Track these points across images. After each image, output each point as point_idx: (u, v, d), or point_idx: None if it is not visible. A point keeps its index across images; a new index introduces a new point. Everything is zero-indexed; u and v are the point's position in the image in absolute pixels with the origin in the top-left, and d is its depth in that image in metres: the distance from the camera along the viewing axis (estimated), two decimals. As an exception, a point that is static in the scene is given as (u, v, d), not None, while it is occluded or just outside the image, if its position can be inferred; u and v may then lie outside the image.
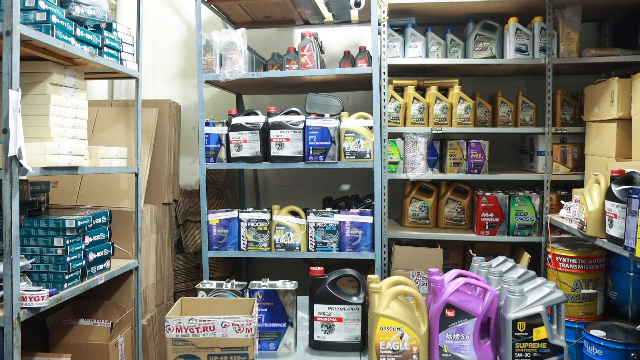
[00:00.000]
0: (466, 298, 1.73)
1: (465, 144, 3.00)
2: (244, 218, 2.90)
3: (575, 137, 3.00)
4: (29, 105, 1.98)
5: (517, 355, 1.65)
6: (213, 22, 3.64)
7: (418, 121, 3.02)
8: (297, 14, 3.40)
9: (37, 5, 1.84)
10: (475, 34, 3.01)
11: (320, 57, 3.06)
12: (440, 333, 1.73)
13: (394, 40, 3.01)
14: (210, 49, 2.94)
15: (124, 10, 3.51)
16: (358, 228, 2.83)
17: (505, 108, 3.06)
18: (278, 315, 1.89)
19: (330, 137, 2.79)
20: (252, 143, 2.88)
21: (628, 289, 2.53)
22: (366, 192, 3.38)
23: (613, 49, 2.91)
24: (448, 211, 3.15)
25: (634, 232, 1.81)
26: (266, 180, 3.91)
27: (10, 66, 1.67)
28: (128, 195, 2.71)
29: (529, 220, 2.94)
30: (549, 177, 2.93)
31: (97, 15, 2.20)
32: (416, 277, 2.93)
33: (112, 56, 2.34)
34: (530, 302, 1.67)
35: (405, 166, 3.01)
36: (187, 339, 1.62)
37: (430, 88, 3.03)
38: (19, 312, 1.72)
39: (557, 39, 2.93)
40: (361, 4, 2.89)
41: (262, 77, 2.95)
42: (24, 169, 1.72)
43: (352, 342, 1.87)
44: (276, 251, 2.89)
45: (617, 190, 1.98)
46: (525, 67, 3.08)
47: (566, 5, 2.93)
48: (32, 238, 2.01)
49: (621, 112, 2.46)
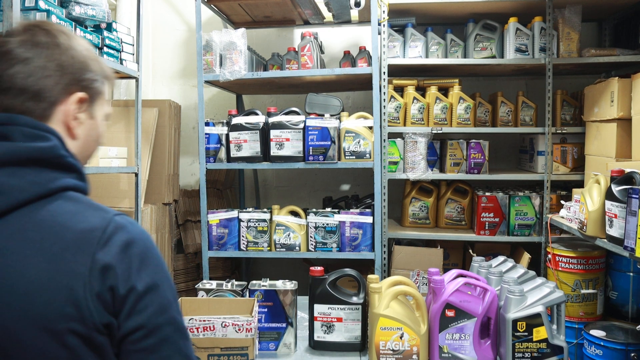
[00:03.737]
0: (466, 298, 1.73)
1: (465, 144, 3.00)
2: (244, 218, 2.90)
3: (575, 137, 3.00)
4: (29, 105, 1.98)
5: (517, 355, 1.65)
6: (213, 22, 3.64)
7: (418, 121, 3.02)
8: (297, 14, 3.40)
9: (37, 5, 1.85)
10: (475, 34, 3.01)
11: (320, 57, 3.06)
12: (440, 333, 1.73)
13: (394, 40, 3.01)
14: (210, 49, 2.94)
15: (124, 10, 3.52)
16: (358, 228, 2.83)
17: (505, 108, 3.06)
18: (278, 315, 1.89)
19: (330, 137, 2.79)
20: (252, 143, 2.88)
21: (628, 289, 2.53)
22: (366, 192, 3.38)
23: (613, 49, 2.91)
24: (448, 211, 3.15)
25: (634, 232, 1.81)
26: (266, 180, 3.91)
27: (10, 66, 1.67)
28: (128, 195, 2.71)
29: (529, 220, 2.94)
30: (549, 177, 2.93)
31: (97, 15, 2.20)
32: (416, 277, 2.93)
33: (112, 56, 2.34)
34: (530, 302, 1.67)
35: (405, 166, 3.02)
36: None
37: (430, 88, 3.04)
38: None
39: (557, 39, 2.93)
40: (361, 4, 2.89)
41: (262, 77, 2.95)
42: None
43: (352, 342, 1.87)
44: (276, 251, 2.89)
45: (617, 190, 1.98)
46: (525, 67, 3.08)
47: (566, 5, 2.93)
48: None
49: (621, 112, 2.46)
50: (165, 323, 0.83)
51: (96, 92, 0.96)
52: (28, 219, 0.81)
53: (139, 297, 0.82)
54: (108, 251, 0.81)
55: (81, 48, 0.93)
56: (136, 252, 0.84)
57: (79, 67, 0.91)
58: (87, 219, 0.83)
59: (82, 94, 0.91)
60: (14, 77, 0.85)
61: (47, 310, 0.77)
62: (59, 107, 0.90)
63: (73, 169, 0.88)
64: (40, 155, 0.84)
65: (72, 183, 0.87)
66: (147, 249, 0.86)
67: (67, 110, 0.90)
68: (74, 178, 0.88)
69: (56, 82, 0.88)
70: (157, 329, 0.83)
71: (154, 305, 0.83)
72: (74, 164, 0.89)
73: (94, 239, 0.81)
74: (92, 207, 0.86)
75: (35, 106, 0.87)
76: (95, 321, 0.79)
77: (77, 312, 0.78)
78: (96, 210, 0.86)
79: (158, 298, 0.84)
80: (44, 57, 0.87)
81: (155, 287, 0.84)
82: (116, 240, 0.82)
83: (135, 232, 0.86)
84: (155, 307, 0.83)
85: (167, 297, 0.85)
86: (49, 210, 0.82)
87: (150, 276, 0.84)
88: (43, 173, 0.84)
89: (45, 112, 0.88)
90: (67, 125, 0.91)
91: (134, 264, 0.83)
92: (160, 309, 0.84)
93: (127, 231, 0.84)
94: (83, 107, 0.93)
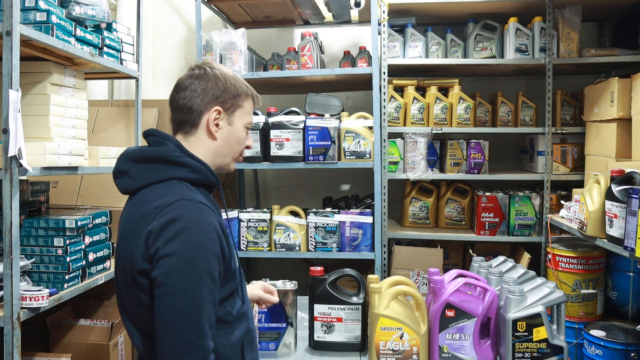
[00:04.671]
0: (466, 298, 1.73)
1: (465, 144, 3.00)
2: (244, 218, 2.90)
3: (575, 137, 3.00)
4: (29, 105, 1.98)
5: (517, 355, 1.65)
6: (213, 22, 3.64)
7: (418, 121, 3.02)
8: (297, 14, 3.40)
9: (37, 5, 1.84)
10: (475, 34, 3.01)
11: (320, 57, 3.06)
12: (440, 333, 1.73)
13: (394, 40, 3.01)
14: (210, 49, 2.94)
15: (124, 10, 3.52)
16: (358, 228, 2.83)
17: (505, 108, 3.06)
18: (278, 315, 1.89)
19: (330, 137, 2.79)
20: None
21: (628, 289, 2.53)
22: (366, 192, 3.38)
23: (613, 49, 2.91)
24: (448, 211, 3.15)
25: (634, 232, 1.81)
26: (266, 180, 3.91)
27: (10, 66, 1.67)
28: (128, 195, 2.70)
29: (529, 220, 2.94)
30: (549, 177, 2.93)
31: (97, 15, 2.20)
32: (416, 277, 2.93)
33: (112, 56, 2.34)
34: (530, 302, 1.67)
35: (405, 166, 3.01)
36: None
37: (430, 88, 3.03)
38: (19, 312, 1.72)
39: (557, 39, 2.93)
40: (361, 4, 2.89)
41: (262, 77, 2.95)
42: (24, 169, 1.72)
43: (352, 342, 1.87)
44: (276, 251, 2.89)
45: (617, 190, 1.97)
46: (525, 67, 3.08)
47: (566, 5, 2.93)
48: (32, 238, 2.01)
49: (621, 112, 2.46)
50: (170, 284, 1.09)
51: (233, 105, 1.31)
52: (141, 195, 1.21)
53: (160, 257, 1.10)
54: (157, 222, 1.12)
55: (222, 76, 1.30)
56: (176, 227, 1.11)
57: (219, 89, 1.29)
58: (162, 199, 1.15)
59: (218, 107, 1.29)
60: (178, 99, 1.29)
61: (124, 255, 1.18)
62: (204, 117, 1.28)
63: (184, 165, 1.22)
64: (158, 155, 1.22)
65: (181, 175, 1.21)
66: (186, 229, 1.11)
67: (208, 119, 1.28)
68: (185, 172, 1.22)
69: (201, 100, 1.28)
70: (162, 285, 1.09)
71: (167, 267, 1.09)
72: (184, 161, 1.22)
73: (155, 212, 1.14)
74: (174, 192, 1.17)
75: (189, 117, 1.28)
76: (140, 266, 1.13)
77: (132, 258, 1.14)
78: (174, 195, 1.16)
79: (172, 264, 1.09)
80: (195, 84, 1.28)
81: (173, 255, 1.09)
82: (166, 216, 1.12)
83: (185, 215, 1.12)
84: (168, 268, 1.09)
85: (180, 265, 1.09)
86: (150, 191, 1.20)
87: (176, 247, 1.09)
88: (160, 167, 1.21)
89: (195, 120, 1.28)
90: (208, 129, 1.29)
91: (169, 234, 1.10)
92: (170, 271, 1.09)
93: (179, 212, 1.12)
94: (221, 116, 1.29)
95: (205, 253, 1.12)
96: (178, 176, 1.21)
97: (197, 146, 1.29)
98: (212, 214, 1.18)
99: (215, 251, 1.14)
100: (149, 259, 1.12)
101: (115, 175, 1.29)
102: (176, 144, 1.25)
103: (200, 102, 1.27)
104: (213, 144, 1.30)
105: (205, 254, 1.12)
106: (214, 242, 1.14)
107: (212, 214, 1.19)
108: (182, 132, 1.30)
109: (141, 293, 1.15)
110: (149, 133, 1.29)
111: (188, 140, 1.30)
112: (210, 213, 1.18)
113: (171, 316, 1.08)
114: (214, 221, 1.17)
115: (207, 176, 1.27)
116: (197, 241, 1.11)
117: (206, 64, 1.32)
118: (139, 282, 1.14)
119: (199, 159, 1.26)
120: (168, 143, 1.25)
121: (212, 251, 1.13)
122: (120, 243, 1.23)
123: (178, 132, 1.31)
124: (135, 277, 1.15)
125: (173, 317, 1.08)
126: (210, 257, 1.13)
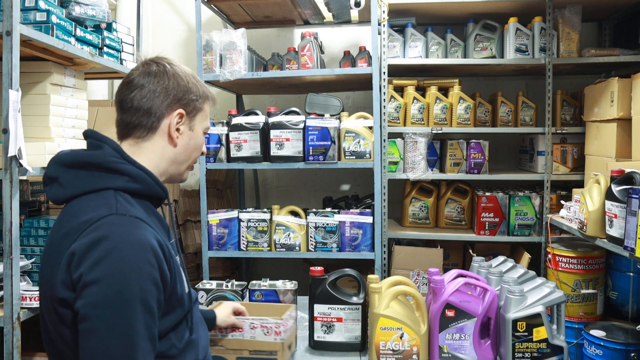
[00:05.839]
0: (466, 298, 1.73)
1: (465, 144, 3.00)
2: (244, 218, 2.90)
3: (575, 137, 3.00)
4: (29, 105, 1.98)
5: (517, 355, 1.65)
6: (213, 22, 3.64)
7: (418, 121, 3.02)
8: (297, 14, 3.40)
9: (37, 5, 1.84)
10: (475, 34, 3.01)
11: (320, 57, 3.06)
12: (440, 333, 1.73)
13: (394, 40, 3.01)
14: (210, 49, 2.94)
15: (124, 10, 3.52)
16: (358, 228, 2.83)
17: (505, 108, 3.06)
18: (278, 315, 1.89)
19: (330, 137, 2.79)
20: (252, 143, 2.88)
21: (628, 289, 2.53)
22: (366, 192, 3.38)
23: (613, 49, 2.91)
24: (448, 211, 3.15)
25: (634, 232, 1.81)
26: (266, 180, 3.91)
27: (10, 66, 1.67)
28: (128, 195, 2.71)
29: (529, 220, 2.94)
30: (549, 177, 2.93)
31: (97, 15, 2.20)
32: (416, 277, 2.93)
33: (112, 56, 2.34)
34: (530, 302, 1.67)
35: (405, 166, 3.01)
36: (215, 339, 1.58)
37: (430, 88, 3.03)
38: (19, 312, 1.72)
39: (557, 39, 2.93)
40: (361, 4, 2.89)
41: (262, 77, 2.95)
42: (24, 169, 1.72)
43: (352, 342, 1.87)
44: (276, 251, 2.89)
45: (617, 190, 1.97)
46: (525, 67, 3.08)
47: (566, 5, 2.93)
48: (32, 238, 2.01)
49: (621, 112, 2.46)
50: (96, 317, 0.91)
51: (195, 109, 1.17)
52: (70, 207, 1.04)
53: (85, 285, 0.92)
54: (82, 241, 0.95)
55: (183, 75, 1.15)
56: (103, 247, 0.93)
57: (181, 89, 1.14)
58: (91, 212, 0.98)
59: (181, 110, 1.14)
60: (133, 99, 1.11)
61: (45, 279, 1.01)
62: (164, 121, 1.13)
63: (122, 173, 1.06)
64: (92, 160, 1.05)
65: (118, 184, 1.05)
66: (115, 249, 0.93)
67: (170, 123, 1.13)
68: (124, 181, 1.05)
69: (162, 101, 1.12)
70: (87, 319, 0.91)
71: (92, 297, 0.91)
72: (123, 169, 1.06)
73: (81, 228, 0.97)
74: (107, 205, 1.00)
75: (147, 120, 1.12)
76: (59, 294, 0.95)
77: (52, 284, 0.97)
78: (106, 208, 0.99)
79: (99, 292, 0.91)
80: (154, 83, 1.12)
81: (100, 282, 0.91)
82: (93, 234, 0.95)
83: (115, 232, 0.95)
84: (93, 298, 0.91)
85: (109, 295, 0.91)
86: (81, 202, 1.02)
87: (103, 272, 0.92)
88: (94, 174, 1.05)
89: (153, 124, 1.12)
90: (169, 135, 1.14)
91: (95, 256, 0.92)
92: (96, 302, 0.91)
93: (107, 229, 0.95)
94: (183, 120, 1.15)
95: (140, 278, 0.93)
96: (115, 186, 1.04)
97: (150, 152, 1.13)
98: (148, 231, 0.99)
99: (152, 276, 0.95)
100: (71, 286, 0.93)
101: (44, 182, 1.09)
102: (115, 147, 1.08)
103: (160, 103, 1.12)
104: (171, 151, 1.15)
105: (140, 279, 0.93)
106: (151, 265, 0.95)
107: (150, 231, 1.00)
108: (133, 137, 1.13)
109: (63, 327, 0.96)
110: (87, 134, 1.12)
111: (140, 146, 1.13)
112: (146, 230, 0.99)
113: (99, 357, 0.90)
114: (152, 239, 0.98)
115: (151, 187, 1.09)
116: (129, 264, 0.92)
117: (164, 59, 1.17)
118: (59, 313, 0.96)
119: (142, 166, 1.09)
120: (105, 147, 1.08)
121: (148, 276, 0.94)
122: (42, 264, 1.04)
123: (129, 137, 1.14)
124: (55, 307, 0.96)
125: (101, 359, 0.90)
126: (146, 283, 0.94)
